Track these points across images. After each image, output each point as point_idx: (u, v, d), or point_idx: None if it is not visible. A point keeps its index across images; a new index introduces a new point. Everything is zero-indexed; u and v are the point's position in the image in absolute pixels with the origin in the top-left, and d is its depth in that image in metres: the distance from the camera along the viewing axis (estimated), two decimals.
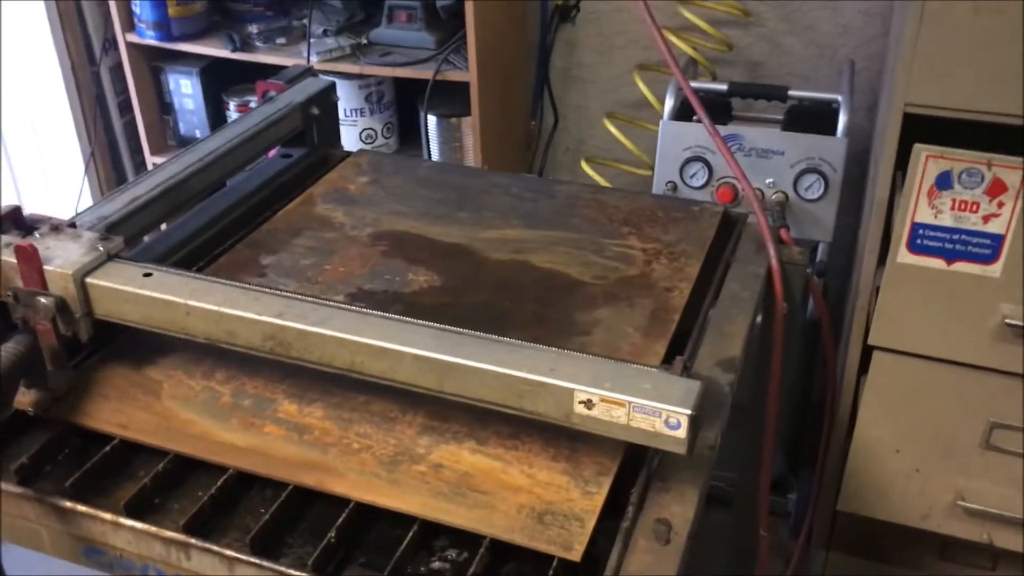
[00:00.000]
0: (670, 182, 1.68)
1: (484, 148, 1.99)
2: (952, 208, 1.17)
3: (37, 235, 0.99)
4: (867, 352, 1.40)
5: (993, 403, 1.27)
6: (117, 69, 2.36)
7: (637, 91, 2.11)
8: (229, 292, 0.93)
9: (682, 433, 0.78)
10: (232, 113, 2.30)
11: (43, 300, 0.94)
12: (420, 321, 0.90)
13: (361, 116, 2.18)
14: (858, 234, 1.66)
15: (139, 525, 0.86)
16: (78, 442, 0.97)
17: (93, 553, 0.92)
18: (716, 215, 1.42)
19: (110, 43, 2.32)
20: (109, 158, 2.51)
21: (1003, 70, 1.11)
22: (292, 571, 0.81)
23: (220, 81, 2.34)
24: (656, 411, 0.78)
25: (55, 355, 0.97)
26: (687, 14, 1.83)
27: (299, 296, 0.94)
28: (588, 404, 0.80)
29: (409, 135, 2.28)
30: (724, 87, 1.68)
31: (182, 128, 2.39)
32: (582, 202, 1.45)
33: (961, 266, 1.20)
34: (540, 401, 0.82)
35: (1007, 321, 1.19)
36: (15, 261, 0.94)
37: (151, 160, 2.41)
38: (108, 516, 0.87)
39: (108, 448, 0.94)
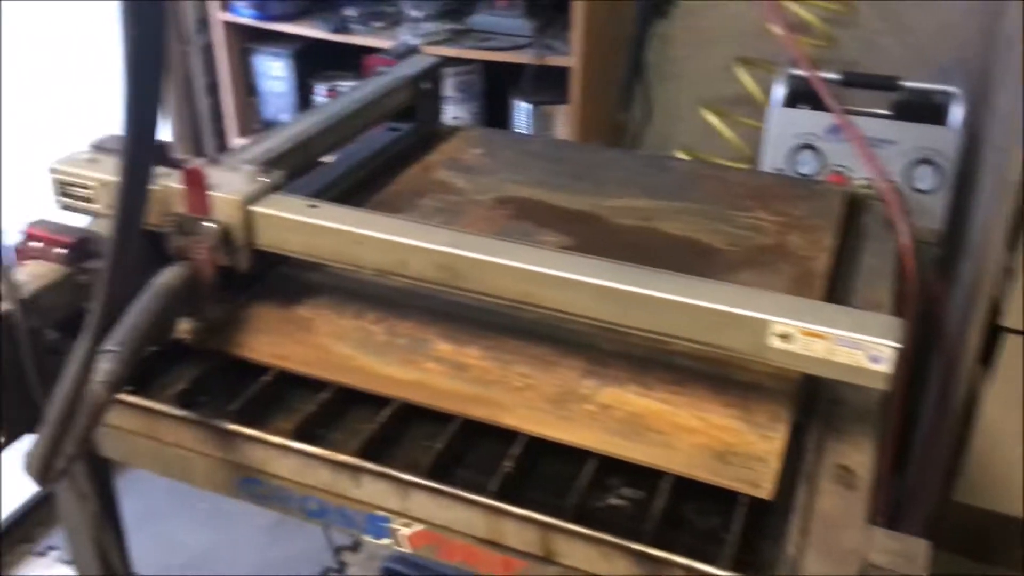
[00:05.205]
0: (779, 169, 1.67)
1: (578, 138, 1.99)
2: None
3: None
4: (988, 340, 1.37)
5: None
6: (205, 50, 2.38)
7: (728, 87, 2.10)
8: (400, 224, 0.92)
9: (886, 367, 0.76)
10: (320, 98, 2.30)
11: (209, 226, 0.93)
12: (595, 257, 0.88)
13: (451, 104, 2.18)
14: (966, 225, 1.64)
15: (310, 449, 0.84)
16: (232, 375, 0.96)
17: (249, 484, 0.91)
18: (842, 194, 1.40)
19: (202, 23, 2.33)
20: (191, 141, 2.52)
21: None
22: (480, 497, 0.79)
23: (308, 65, 2.35)
24: (859, 344, 0.76)
25: (212, 286, 0.96)
26: (796, 8, 1.82)
27: (469, 232, 0.93)
28: (785, 337, 0.78)
29: (495, 126, 2.27)
30: (836, 76, 1.67)
31: (268, 112, 2.40)
32: (701, 177, 1.44)
33: None
34: (733, 334, 0.80)
35: None
36: (178, 187, 0.94)
37: (236, 144, 2.42)
38: (277, 440, 0.85)
39: (269, 378, 0.93)
